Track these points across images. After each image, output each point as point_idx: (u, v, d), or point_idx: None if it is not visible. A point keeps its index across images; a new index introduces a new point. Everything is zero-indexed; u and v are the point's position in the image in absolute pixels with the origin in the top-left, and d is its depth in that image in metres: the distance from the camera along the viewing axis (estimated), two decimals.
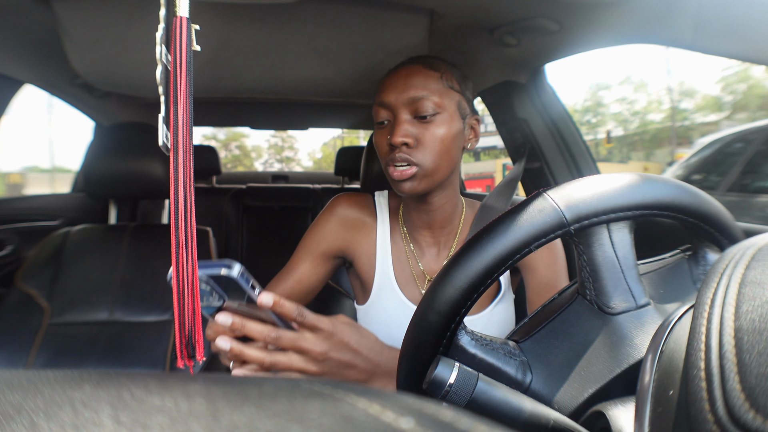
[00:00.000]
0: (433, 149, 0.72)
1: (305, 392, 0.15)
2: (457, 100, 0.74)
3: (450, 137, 0.73)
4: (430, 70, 0.73)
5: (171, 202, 0.38)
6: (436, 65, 0.74)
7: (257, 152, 42.69)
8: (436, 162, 0.72)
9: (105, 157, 1.19)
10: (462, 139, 0.76)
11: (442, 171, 0.73)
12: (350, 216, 0.84)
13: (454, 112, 0.74)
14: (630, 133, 33.12)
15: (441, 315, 0.38)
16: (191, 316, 0.42)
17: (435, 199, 0.78)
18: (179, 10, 0.36)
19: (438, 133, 0.72)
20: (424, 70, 0.73)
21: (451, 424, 0.13)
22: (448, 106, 0.73)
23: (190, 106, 0.37)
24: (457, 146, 0.75)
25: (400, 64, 0.77)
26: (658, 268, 0.44)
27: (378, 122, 0.76)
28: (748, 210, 2.83)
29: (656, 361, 0.28)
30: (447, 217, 0.81)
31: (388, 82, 0.74)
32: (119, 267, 1.19)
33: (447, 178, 0.76)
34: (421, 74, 0.73)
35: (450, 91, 0.74)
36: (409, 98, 0.72)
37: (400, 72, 0.74)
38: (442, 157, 0.73)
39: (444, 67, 0.75)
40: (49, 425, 0.11)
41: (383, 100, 0.74)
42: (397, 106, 0.72)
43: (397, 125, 0.72)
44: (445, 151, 0.73)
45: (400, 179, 0.72)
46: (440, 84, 0.73)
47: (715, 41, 0.72)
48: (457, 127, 0.74)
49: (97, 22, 0.89)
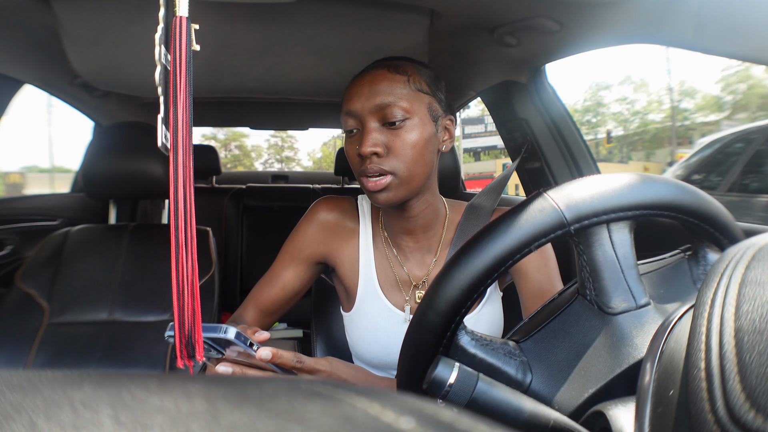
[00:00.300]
0: (406, 156, 0.69)
1: (305, 392, 0.15)
2: (427, 102, 0.71)
3: (422, 142, 0.70)
4: (396, 74, 0.70)
5: (171, 202, 0.38)
6: (402, 68, 0.71)
7: (257, 152, 42.71)
8: (410, 169, 0.69)
9: (104, 157, 1.19)
10: (436, 142, 0.73)
11: (417, 177, 0.71)
12: (331, 221, 0.82)
13: (424, 115, 0.71)
14: (630, 133, 33.15)
15: (441, 315, 0.38)
16: (191, 316, 0.42)
17: (414, 206, 0.76)
18: (179, 10, 0.36)
19: (409, 139, 0.69)
20: (390, 75, 0.70)
21: (451, 424, 0.13)
22: (418, 110, 0.70)
23: (190, 106, 0.37)
24: (430, 150, 0.72)
25: (365, 70, 0.73)
26: (658, 268, 0.44)
27: (347, 131, 0.73)
28: (748, 210, 2.83)
29: (656, 361, 0.28)
30: (428, 222, 0.78)
31: (353, 90, 0.71)
32: (119, 267, 1.19)
33: (424, 183, 0.73)
34: (386, 79, 0.70)
35: (419, 94, 0.71)
36: (375, 105, 0.68)
37: (365, 78, 0.71)
38: (416, 163, 0.70)
39: (411, 70, 0.72)
40: (48, 425, 0.11)
41: (349, 109, 0.71)
42: (364, 114, 0.69)
43: (366, 134, 0.69)
44: (419, 157, 0.70)
45: (375, 190, 0.70)
46: (407, 88, 0.70)
47: (715, 41, 0.71)
48: (429, 130, 0.71)
49: (97, 22, 0.89)
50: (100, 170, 1.18)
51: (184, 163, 0.37)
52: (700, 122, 28.85)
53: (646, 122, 32.67)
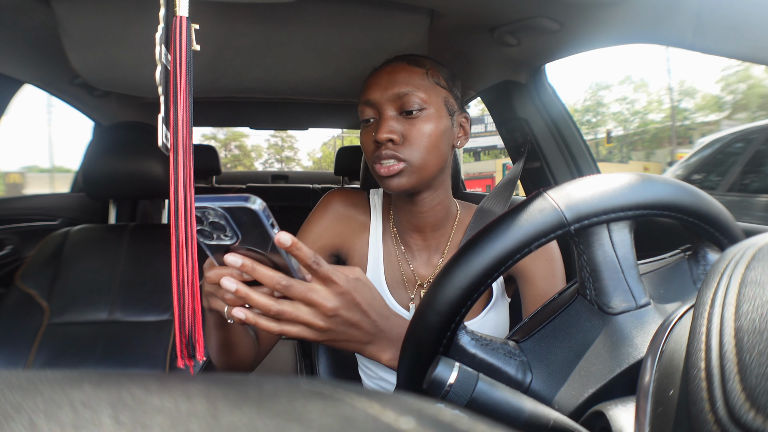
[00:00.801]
0: (421, 145, 0.70)
1: (305, 392, 0.15)
2: (443, 96, 0.73)
3: (437, 133, 0.71)
4: (415, 66, 0.72)
5: (171, 202, 0.38)
6: (421, 62, 0.73)
7: (257, 152, 42.70)
8: (424, 158, 0.70)
9: (104, 157, 1.19)
10: (450, 136, 0.74)
11: (431, 167, 0.72)
12: (344, 212, 0.82)
13: (440, 108, 0.72)
14: (630, 133, 33.15)
15: (441, 315, 0.38)
16: (191, 316, 0.42)
17: (425, 201, 0.76)
18: (179, 10, 0.36)
19: (425, 129, 0.70)
20: (409, 67, 0.72)
21: (451, 424, 0.13)
22: (435, 102, 0.71)
23: (190, 106, 0.37)
24: (445, 143, 0.73)
25: (385, 62, 0.76)
26: (658, 268, 0.44)
27: (363, 120, 0.74)
28: (748, 210, 2.83)
29: (656, 361, 0.28)
30: (437, 220, 0.78)
31: (373, 80, 0.73)
32: (119, 267, 1.19)
33: (437, 176, 0.74)
34: (405, 71, 0.72)
35: (436, 87, 0.72)
36: (393, 94, 0.70)
37: (385, 69, 0.73)
38: (431, 153, 0.71)
39: (429, 64, 0.74)
40: (48, 425, 0.11)
41: (368, 98, 0.72)
42: (381, 103, 0.71)
43: (383, 122, 0.70)
44: (433, 147, 0.71)
45: (387, 175, 0.70)
46: (425, 80, 0.71)
47: (715, 41, 0.71)
48: (445, 123, 0.72)
49: (97, 22, 0.89)
50: (100, 170, 1.18)
51: (184, 163, 0.37)
52: (700, 122, 28.86)
53: (646, 122, 32.69)
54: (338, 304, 0.50)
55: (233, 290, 0.47)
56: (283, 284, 0.47)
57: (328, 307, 0.49)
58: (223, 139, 37.71)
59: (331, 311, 0.49)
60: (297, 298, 0.48)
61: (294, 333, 0.50)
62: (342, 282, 0.50)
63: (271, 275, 0.47)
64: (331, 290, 0.50)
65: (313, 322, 0.49)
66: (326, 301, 0.49)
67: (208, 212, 0.43)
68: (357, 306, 0.51)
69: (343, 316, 0.50)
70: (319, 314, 0.49)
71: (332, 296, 0.49)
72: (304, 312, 0.49)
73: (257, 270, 0.46)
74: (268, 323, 0.48)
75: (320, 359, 1.07)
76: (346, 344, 0.54)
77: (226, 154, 39.40)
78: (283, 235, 0.45)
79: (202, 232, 0.45)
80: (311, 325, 0.49)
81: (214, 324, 0.59)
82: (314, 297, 0.48)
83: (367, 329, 0.53)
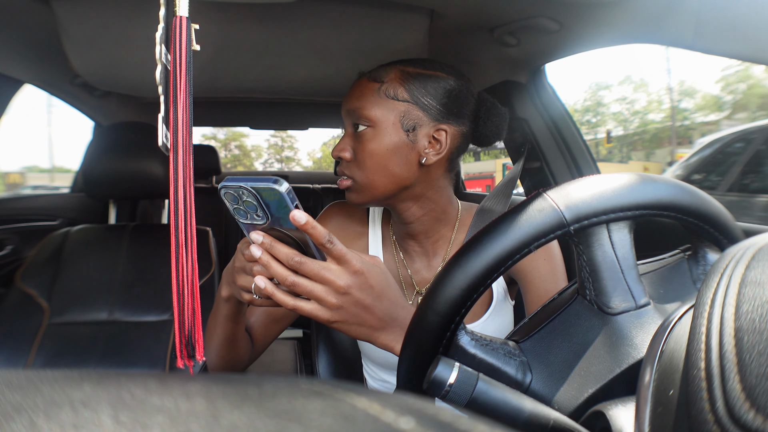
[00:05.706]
0: (363, 164, 0.69)
1: (305, 392, 0.15)
2: (401, 111, 0.68)
3: (381, 151, 0.68)
4: (371, 81, 0.70)
5: (171, 202, 0.38)
6: (380, 75, 0.70)
7: (257, 152, 42.72)
8: (369, 177, 0.69)
9: (104, 156, 1.19)
10: (410, 152, 0.69)
11: (379, 186, 0.70)
12: (342, 225, 0.84)
13: (391, 124, 0.68)
14: (630, 133, 33.16)
15: (441, 315, 0.38)
16: (191, 316, 0.42)
17: (407, 213, 0.75)
18: (179, 10, 0.36)
19: (367, 147, 0.68)
20: (366, 82, 0.70)
21: (451, 424, 0.13)
22: (384, 119, 0.68)
23: (190, 106, 0.37)
24: (397, 161, 0.69)
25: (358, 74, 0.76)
26: (658, 268, 0.44)
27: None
28: (748, 210, 2.83)
29: (656, 361, 0.28)
30: (428, 228, 0.77)
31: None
32: (119, 267, 1.19)
33: (397, 193, 0.71)
34: (360, 87, 0.71)
35: (389, 102, 0.68)
36: (346, 110, 0.71)
37: (354, 83, 0.73)
38: (375, 173, 0.69)
39: (393, 75, 0.69)
40: (48, 425, 0.11)
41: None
42: (344, 118, 0.72)
43: (341, 138, 0.72)
44: (378, 167, 0.68)
45: (342, 189, 0.73)
46: (377, 95, 0.68)
47: (715, 41, 0.71)
48: (394, 140, 0.68)
49: (97, 22, 0.89)
50: (100, 170, 1.18)
51: (184, 163, 0.37)
52: (700, 122, 28.87)
53: (646, 122, 32.70)
54: (350, 282, 0.51)
55: (257, 257, 0.49)
56: (296, 260, 0.49)
57: (339, 285, 0.50)
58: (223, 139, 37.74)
59: (342, 288, 0.50)
60: (310, 275, 0.50)
61: (307, 310, 0.51)
62: (356, 262, 0.51)
63: (286, 252, 0.49)
64: (345, 269, 0.51)
65: (325, 298, 0.50)
66: (338, 279, 0.50)
67: (243, 191, 0.46)
68: (370, 288, 0.52)
69: (355, 296, 0.51)
70: (332, 291, 0.51)
71: (345, 275, 0.51)
72: (318, 288, 0.50)
73: (274, 247, 0.49)
74: (283, 296, 0.51)
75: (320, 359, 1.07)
76: (358, 329, 0.54)
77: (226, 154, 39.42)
78: (298, 212, 0.46)
79: (238, 211, 0.49)
80: (323, 301, 0.51)
81: (226, 315, 0.61)
82: (327, 274, 0.50)
83: (379, 315, 0.54)
